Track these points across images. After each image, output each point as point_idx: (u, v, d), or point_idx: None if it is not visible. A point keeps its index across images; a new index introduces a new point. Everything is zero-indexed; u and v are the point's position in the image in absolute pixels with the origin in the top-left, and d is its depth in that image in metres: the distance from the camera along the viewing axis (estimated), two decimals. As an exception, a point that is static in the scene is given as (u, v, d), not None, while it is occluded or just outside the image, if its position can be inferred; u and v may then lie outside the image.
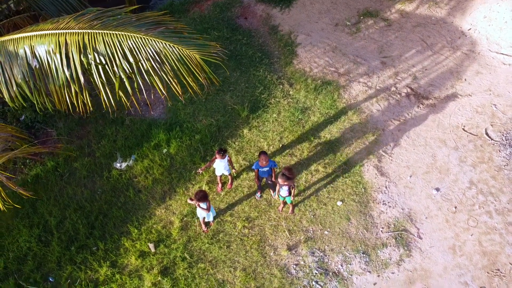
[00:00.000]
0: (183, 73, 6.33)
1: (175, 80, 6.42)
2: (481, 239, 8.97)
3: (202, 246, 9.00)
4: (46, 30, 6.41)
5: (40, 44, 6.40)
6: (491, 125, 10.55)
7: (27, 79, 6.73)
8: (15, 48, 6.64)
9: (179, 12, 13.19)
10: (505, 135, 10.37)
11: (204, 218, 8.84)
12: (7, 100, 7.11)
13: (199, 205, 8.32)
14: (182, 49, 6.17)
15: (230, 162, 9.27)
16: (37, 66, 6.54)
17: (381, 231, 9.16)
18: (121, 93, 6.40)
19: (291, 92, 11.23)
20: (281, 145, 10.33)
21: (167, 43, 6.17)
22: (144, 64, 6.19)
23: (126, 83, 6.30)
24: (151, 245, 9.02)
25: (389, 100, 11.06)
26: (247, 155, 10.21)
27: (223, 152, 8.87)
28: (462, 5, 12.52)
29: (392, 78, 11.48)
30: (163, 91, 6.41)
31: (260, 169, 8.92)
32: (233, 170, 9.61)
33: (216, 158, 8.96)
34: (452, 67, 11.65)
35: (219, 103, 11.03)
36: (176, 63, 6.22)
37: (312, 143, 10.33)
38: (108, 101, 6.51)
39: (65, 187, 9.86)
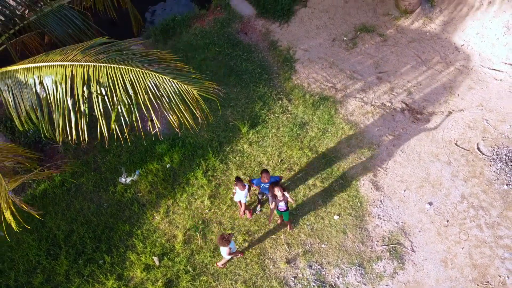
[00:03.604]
0: (180, 107, 6.70)
1: (171, 112, 6.78)
2: (472, 252, 9.37)
3: (205, 259, 9.39)
4: (55, 61, 6.80)
5: (48, 75, 6.79)
6: (483, 140, 10.94)
7: (35, 107, 7.12)
8: (25, 77, 7.04)
9: (180, 27, 13.53)
10: (496, 150, 10.76)
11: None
12: (17, 125, 7.51)
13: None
14: (180, 84, 6.57)
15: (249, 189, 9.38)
16: (44, 95, 6.93)
17: (376, 244, 9.56)
18: (115, 125, 6.77)
19: (289, 108, 11.61)
20: (280, 160, 10.72)
21: (166, 77, 6.57)
22: (142, 96, 6.58)
23: (126, 114, 6.68)
24: (155, 258, 9.40)
25: (384, 115, 11.44)
26: (247, 170, 10.59)
27: (241, 183, 8.93)
28: (456, 21, 12.89)
29: (387, 94, 11.86)
30: (158, 124, 6.80)
31: (262, 185, 9.27)
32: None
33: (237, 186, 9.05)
34: (446, 82, 12.03)
35: (220, 119, 11.40)
36: (174, 96, 6.61)
37: (310, 158, 10.71)
38: (106, 131, 6.88)
39: (72, 202, 10.24)
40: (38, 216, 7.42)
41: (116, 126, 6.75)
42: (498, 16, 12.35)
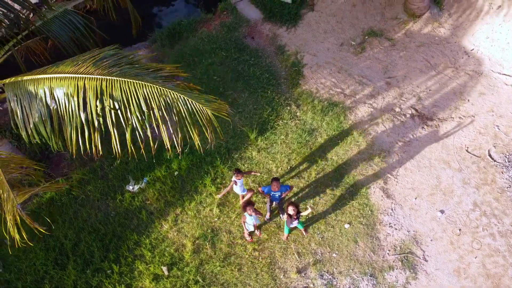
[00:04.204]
0: (191, 125, 6.58)
1: (180, 129, 6.66)
2: (485, 262, 9.24)
3: (214, 269, 9.27)
4: (66, 73, 6.66)
5: (59, 87, 6.64)
6: (494, 147, 10.81)
7: (44, 119, 6.98)
8: (35, 88, 6.88)
9: (187, 32, 13.41)
10: (507, 156, 10.63)
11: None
12: (24, 137, 7.36)
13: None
14: (194, 103, 6.46)
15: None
16: (55, 107, 6.79)
17: (388, 253, 9.44)
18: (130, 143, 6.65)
19: (298, 114, 11.48)
20: (289, 167, 10.59)
21: (181, 95, 6.45)
22: (156, 113, 6.46)
23: (140, 130, 6.55)
24: (164, 268, 9.28)
25: (394, 122, 11.31)
26: (256, 177, 10.46)
27: (237, 172, 9.11)
28: (465, 26, 12.75)
29: (397, 99, 11.73)
30: (168, 143, 6.69)
31: (272, 193, 9.14)
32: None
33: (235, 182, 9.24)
34: (456, 88, 11.90)
35: (229, 125, 11.25)
36: (186, 115, 6.49)
37: (319, 165, 10.59)
38: (118, 145, 6.75)
39: (79, 210, 10.12)
40: (43, 230, 7.34)
41: (132, 145, 6.61)
42: (508, 20, 12.23)
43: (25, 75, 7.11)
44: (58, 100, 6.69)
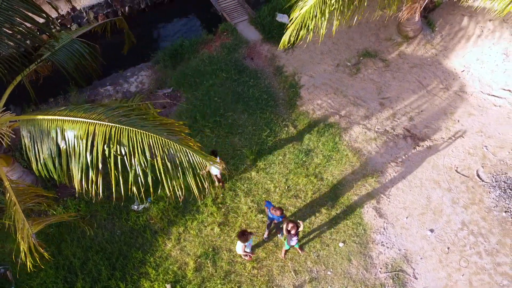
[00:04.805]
0: (190, 176, 7.25)
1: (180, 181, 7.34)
2: (472, 279, 9.75)
3: (215, 286, 9.78)
4: (79, 117, 7.22)
5: (71, 129, 7.21)
6: (482, 167, 11.32)
7: (53, 156, 7.57)
8: (48, 127, 7.45)
9: (188, 53, 13.92)
10: (495, 176, 11.13)
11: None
12: (34, 170, 7.94)
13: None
14: (195, 155, 7.06)
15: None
16: (64, 147, 7.37)
17: (380, 271, 9.95)
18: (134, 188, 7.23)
19: (295, 135, 11.99)
20: (286, 187, 11.11)
21: (183, 148, 7.05)
22: (159, 161, 7.07)
23: (142, 176, 7.13)
24: (168, 286, 9.80)
25: (387, 142, 11.82)
26: (255, 197, 10.98)
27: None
28: (456, 48, 13.25)
29: (390, 120, 12.23)
30: (169, 191, 7.28)
31: (269, 212, 9.60)
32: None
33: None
34: (446, 108, 12.41)
35: (229, 146, 11.78)
36: (186, 166, 7.10)
37: (315, 185, 11.10)
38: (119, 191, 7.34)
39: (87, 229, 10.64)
40: (48, 257, 8.00)
41: (135, 188, 7.20)
42: (497, 43, 12.73)
43: (39, 113, 7.65)
44: (68, 140, 7.25)
